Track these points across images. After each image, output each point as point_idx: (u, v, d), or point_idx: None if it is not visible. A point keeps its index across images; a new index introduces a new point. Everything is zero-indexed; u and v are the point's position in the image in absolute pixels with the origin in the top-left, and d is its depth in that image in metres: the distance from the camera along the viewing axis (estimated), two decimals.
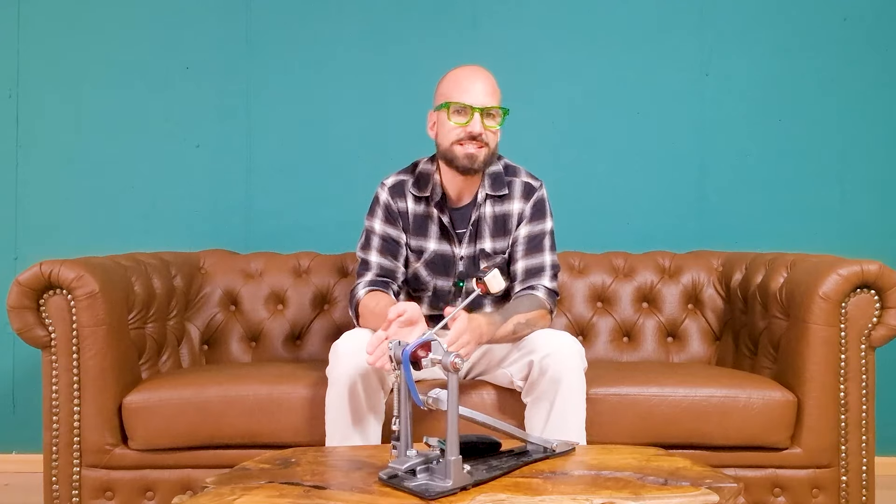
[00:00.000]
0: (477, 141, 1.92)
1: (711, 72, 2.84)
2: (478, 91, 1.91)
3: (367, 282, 1.98)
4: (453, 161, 1.95)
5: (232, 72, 2.83)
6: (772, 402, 1.97)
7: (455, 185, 2.02)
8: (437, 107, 1.97)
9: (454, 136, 1.93)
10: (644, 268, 2.57)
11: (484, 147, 1.93)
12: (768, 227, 2.81)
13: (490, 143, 1.94)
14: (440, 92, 1.97)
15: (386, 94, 2.82)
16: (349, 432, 1.77)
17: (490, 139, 1.94)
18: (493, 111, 1.93)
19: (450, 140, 1.94)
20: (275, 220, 2.81)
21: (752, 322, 2.30)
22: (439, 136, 1.98)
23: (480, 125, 1.91)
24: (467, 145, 1.92)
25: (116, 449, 1.99)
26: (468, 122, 1.91)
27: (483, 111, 1.91)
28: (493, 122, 1.94)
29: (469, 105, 1.90)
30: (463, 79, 1.94)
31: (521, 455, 1.47)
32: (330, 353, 1.81)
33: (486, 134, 1.92)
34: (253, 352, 2.49)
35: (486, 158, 1.95)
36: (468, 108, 1.91)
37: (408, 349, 1.33)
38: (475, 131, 1.91)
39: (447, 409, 1.29)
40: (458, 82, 1.93)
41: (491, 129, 1.94)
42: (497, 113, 1.94)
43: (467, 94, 1.91)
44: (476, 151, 1.93)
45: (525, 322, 1.88)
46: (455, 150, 1.94)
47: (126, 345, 2.07)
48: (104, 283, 2.00)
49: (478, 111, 1.90)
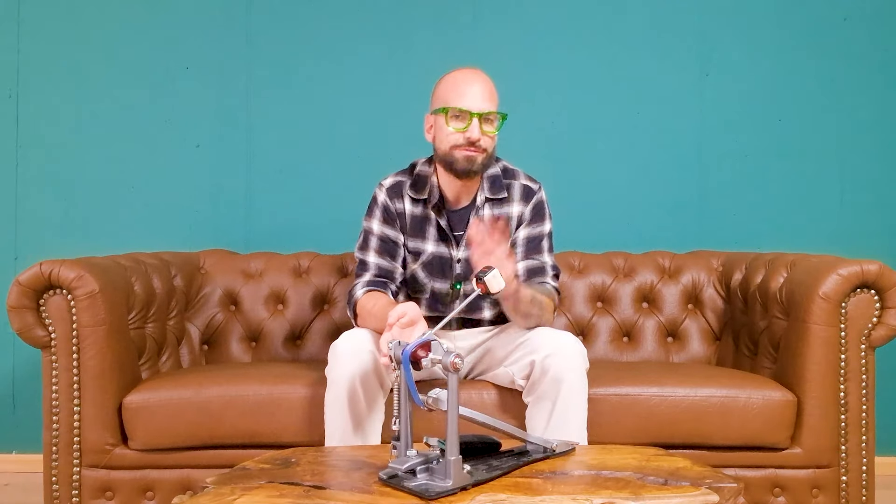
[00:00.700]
0: (475, 146, 1.92)
1: (711, 72, 2.84)
2: (476, 95, 1.91)
3: (365, 282, 1.98)
4: (452, 165, 1.95)
5: (232, 72, 2.83)
6: (772, 402, 1.97)
7: (453, 188, 2.02)
8: (435, 111, 1.96)
9: (452, 141, 1.93)
10: (644, 268, 2.57)
11: (482, 152, 1.93)
12: (768, 227, 2.81)
13: (488, 147, 1.94)
14: (437, 95, 1.97)
15: (386, 93, 2.82)
16: (349, 432, 1.77)
17: (488, 144, 1.94)
18: (491, 116, 1.93)
19: (448, 145, 1.94)
20: (275, 220, 2.81)
21: (752, 322, 2.30)
22: (437, 140, 1.98)
23: (479, 131, 1.91)
24: (465, 150, 1.92)
25: (116, 449, 1.99)
26: (466, 128, 1.91)
27: (481, 116, 1.91)
28: (491, 126, 1.94)
29: (467, 110, 1.90)
30: (461, 83, 1.93)
31: (521, 455, 1.47)
32: (329, 354, 1.81)
33: (484, 139, 1.92)
34: (253, 352, 2.49)
35: (484, 161, 1.95)
36: (466, 114, 1.90)
37: (408, 349, 1.33)
38: (473, 137, 1.91)
39: (447, 409, 1.29)
40: (455, 86, 1.93)
41: (489, 134, 1.93)
42: (495, 118, 1.93)
43: (465, 99, 1.91)
44: (474, 155, 1.93)
45: (539, 301, 1.88)
46: (453, 155, 1.94)
47: (126, 345, 2.07)
48: (104, 283, 2.00)
49: (476, 116, 1.90)
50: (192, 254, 2.57)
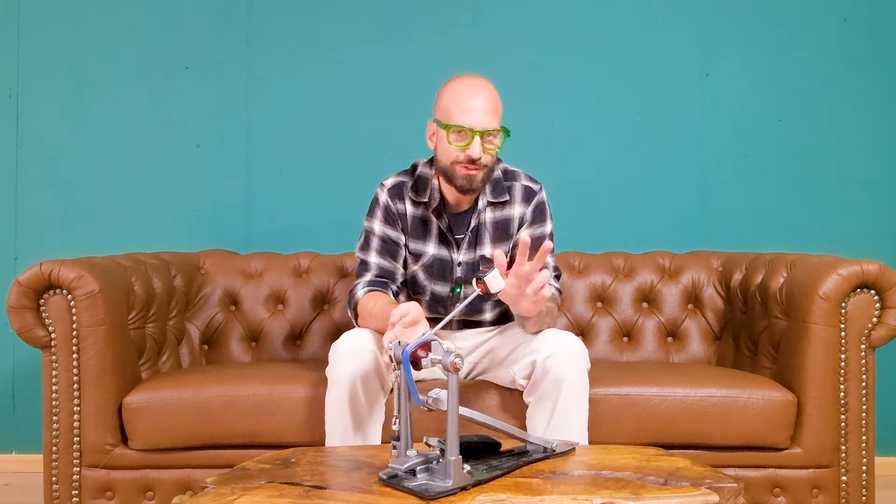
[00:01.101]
0: (475, 163, 1.90)
1: (711, 72, 2.84)
2: (478, 111, 1.87)
3: (366, 282, 1.98)
4: (452, 180, 1.94)
5: (232, 71, 2.83)
6: (772, 402, 1.97)
7: (454, 192, 2.00)
8: (437, 122, 1.94)
9: (453, 156, 1.91)
10: (644, 268, 2.57)
11: (482, 168, 1.92)
12: (768, 227, 2.82)
13: (488, 163, 1.93)
14: (440, 105, 1.94)
15: (386, 93, 2.82)
16: (349, 432, 1.77)
17: (488, 160, 1.92)
18: (493, 133, 1.90)
19: (449, 159, 1.92)
20: (275, 220, 2.81)
21: (752, 322, 2.30)
22: (438, 151, 1.97)
23: (480, 149, 1.88)
24: (465, 168, 1.90)
25: (116, 449, 1.99)
26: (468, 146, 1.88)
27: (483, 134, 1.88)
28: (493, 144, 1.91)
29: (469, 128, 1.87)
30: (463, 96, 1.89)
31: (521, 455, 1.47)
32: (330, 354, 1.81)
33: (485, 157, 1.91)
34: (253, 352, 2.49)
35: (483, 178, 1.94)
36: (468, 132, 1.88)
37: (408, 349, 1.33)
38: (474, 155, 1.88)
39: (447, 409, 1.29)
40: (458, 100, 1.89)
41: (490, 152, 1.92)
42: (497, 135, 1.91)
43: (468, 116, 1.87)
44: (474, 174, 1.91)
45: (550, 309, 1.89)
46: (454, 171, 1.92)
47: (126, 345, 2.07)
48: (104, 283, 2.00)
49: (478, 134, 1.87)
50: (192, 254, 2.57)
